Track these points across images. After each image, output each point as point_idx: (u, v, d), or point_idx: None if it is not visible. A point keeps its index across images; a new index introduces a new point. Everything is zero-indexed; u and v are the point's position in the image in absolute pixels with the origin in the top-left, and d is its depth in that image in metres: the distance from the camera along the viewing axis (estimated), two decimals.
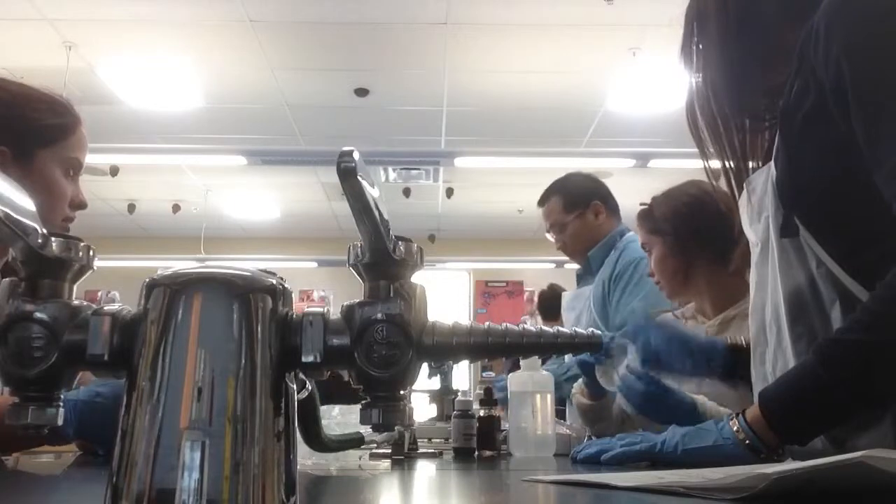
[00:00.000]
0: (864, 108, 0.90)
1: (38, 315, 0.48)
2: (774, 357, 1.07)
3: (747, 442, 0.98)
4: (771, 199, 1.05)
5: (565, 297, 2.73)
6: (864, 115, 0.91)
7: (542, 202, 2.64)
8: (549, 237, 2.64)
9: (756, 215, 1.11)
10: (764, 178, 1.08)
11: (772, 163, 1.06)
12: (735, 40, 1.11)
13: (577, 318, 2.51)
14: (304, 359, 0.49)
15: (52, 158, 1.31)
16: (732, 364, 1.31)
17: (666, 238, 1.79)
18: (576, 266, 2.71)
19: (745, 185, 1.14)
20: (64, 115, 1.35)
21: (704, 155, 1.19)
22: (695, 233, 1.74)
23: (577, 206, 2.55)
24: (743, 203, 1.15)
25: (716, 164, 1.19)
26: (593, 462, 1.17)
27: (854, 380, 0.90)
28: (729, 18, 1.11)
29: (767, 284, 1.08)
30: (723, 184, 1.20)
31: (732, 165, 1.16)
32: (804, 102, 0.98)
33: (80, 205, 1.36)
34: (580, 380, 1.72)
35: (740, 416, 1.00)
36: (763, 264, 1.10)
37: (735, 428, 1.00)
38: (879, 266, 0.88)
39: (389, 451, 1.33)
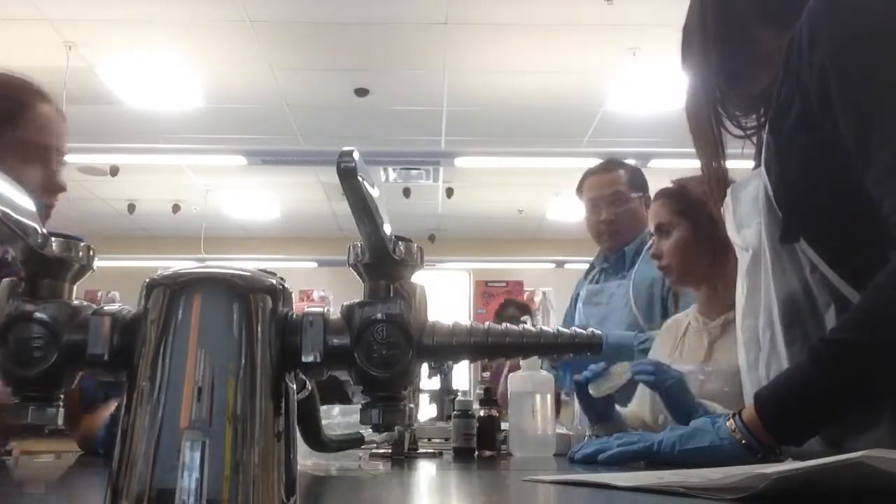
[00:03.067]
0: (851, 112, 0.91)
1: (38, 315, 0.48)
2: (768, 361, 1.07)
3: (744, 442, 0.98)
4: (763, 204, 1.05)
5: (583, 291, 2.57)
6: (852, 119, 0.91)
7: (601, 171, 2.51)
8: (587, 214, 2.50)
9: (746, 221, 1.11)
10: (754, 184, 1.09)
11: (762, 169, 1.07)
12: (714, 47, 1.12)
13: (605, 314, 2.37)
14: (304, 359, 0.49)
15: (3, 147, 1.19)
16: None
17: (699, 221, 1.68)
18: (577, 266, 2.66)
19: (728, 190, 1.15)
20: (7, 98, 1.23)
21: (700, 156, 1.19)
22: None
23: (639, 189, 2.46)
24: (728, 208, 1.15)
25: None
26: (591, 462, 1.17)
27: (846, 379, 0.90)
28: (707, 25, 1.12)
29: (760, 290, 1.08)
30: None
31: (714, 167, 1.16)
32: (790, 109, 0.99)
33: (55, 189, 1.25)
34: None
35: (737, 416, 1.00)
36: (755, 270, 1.10)
37: (732, 428, 1.00)
38: (872, 268, 0.88)
39: (389, 451, 1.33)
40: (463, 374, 7.28)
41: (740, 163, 1.21)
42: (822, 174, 0.98)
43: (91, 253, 0.51)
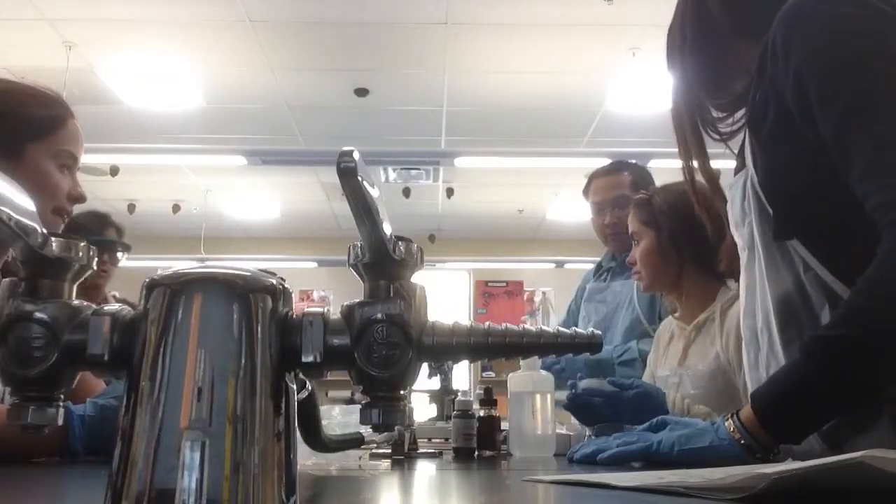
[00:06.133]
0: (830, 114, 0.93)
1: (38, 315, 0.48)
2: (767, 361, 1.07)
3: (743, 442, 0.98)
4: (753, 203, 1.06)
5: (587, 288, 2.60)
6: (831, 121, 0.92)
7: (606, 173, 2.55)
8: (593, 216, 2.54)
9: (739, 220, 1.11)
10: (742, 183, 1.09)
11: (750, 168, 1.07)
12: (690, 55, 1.14)
13: (609, 312, 2.40)
14: (304, 359, 0.49)
15: (42, 152, 1.30)
16: None
17: (660, 231, 1.79)
18: (577, 266, 2.67)
19: (727, 189, 1.16)
20: (52, 107, 1.33)
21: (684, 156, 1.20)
22: (687, 230, 1.73)
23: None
24: (728, 207, 1.16)
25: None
26: (590, 462, 1.17)
27: (839, 374, 0.90)
28: (684, 33, 1.13)
29: (756, 289, 1.09)
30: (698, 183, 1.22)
31: (698, 167, 1.17)
32: (767, 113, 1.01)
33: (78, 198, 1.35)
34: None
35: (735, 416, 1.01)
36: (750, 269, 1.10)
37: (731, 428, 1.00)
38: (864, 266, 0.89)
39: (389, 451, 1.33)
40: (463, 374, 7.29)
41: (724, 162, 1.22)
42: (806, 173, 0.99)
43: (91, 253, 0.51)
